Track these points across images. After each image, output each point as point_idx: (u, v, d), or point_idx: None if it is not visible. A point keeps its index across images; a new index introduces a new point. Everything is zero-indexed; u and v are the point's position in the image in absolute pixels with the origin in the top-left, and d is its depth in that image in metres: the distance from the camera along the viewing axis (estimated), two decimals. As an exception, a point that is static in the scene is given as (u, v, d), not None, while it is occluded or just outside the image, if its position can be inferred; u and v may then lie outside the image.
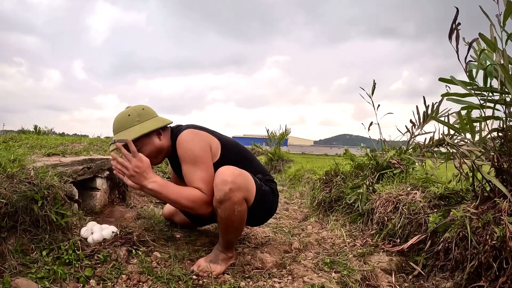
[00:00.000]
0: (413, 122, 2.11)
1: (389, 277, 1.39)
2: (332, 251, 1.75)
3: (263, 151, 6.93)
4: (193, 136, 1.48)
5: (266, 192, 1.56)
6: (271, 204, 1.65)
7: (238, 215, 1.38)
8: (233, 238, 1.49)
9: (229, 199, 1.33)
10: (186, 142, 1.45)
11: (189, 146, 1.44)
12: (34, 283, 1.12)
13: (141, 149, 1.46)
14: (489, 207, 1.28)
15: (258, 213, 1.56)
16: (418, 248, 1.50)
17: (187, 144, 1.45)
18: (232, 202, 1.34)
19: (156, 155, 1.54)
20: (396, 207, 1.75)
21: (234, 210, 1.36)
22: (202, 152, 1.45)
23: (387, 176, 2.08)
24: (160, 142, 1.53)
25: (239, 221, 1.41)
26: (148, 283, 1.26)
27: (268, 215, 1.71)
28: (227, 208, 1.35)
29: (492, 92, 1.25)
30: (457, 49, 1.23)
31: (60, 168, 1.62)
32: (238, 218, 1.39)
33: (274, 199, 1.68)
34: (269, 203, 1.61)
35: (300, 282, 1.36)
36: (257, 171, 1.64)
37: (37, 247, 1.30)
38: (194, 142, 1.46)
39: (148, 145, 1.49)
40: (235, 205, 1.35)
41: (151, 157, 1.49)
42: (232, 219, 1.38)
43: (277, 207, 1.78)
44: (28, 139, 2.61)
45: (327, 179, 2.58)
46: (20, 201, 1.30)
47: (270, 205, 1.64)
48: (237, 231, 1.47)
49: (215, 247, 1.53)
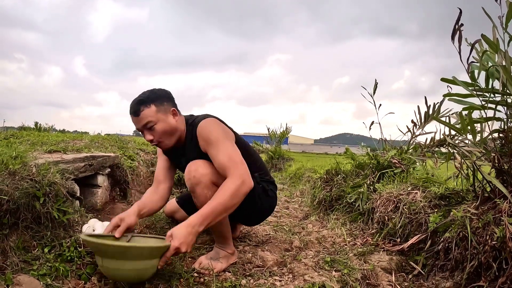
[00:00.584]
0: (414, 122, 2.11)
1: (389, 276, 1.40)
2: (333, 249, 1.75)
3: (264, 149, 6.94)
4: (216, 122, 1.51)
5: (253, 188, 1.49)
6: (257, 201, 1.60)
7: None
8: (222, 228, 1.49)
9: (197, 184, 1.38)
10: (210, 126, 1.47)
11: (213, 129, 1.46)
12: (36, 280, 1.12)
13: (156, 125, 1.47)
14: (489, 207, 1.28)
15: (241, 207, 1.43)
16: (418, 247, 1.51)
17: (211, 127, 1.47)
18: (201, 187, 1.38)
19: (169, 135, 1.52)
20: (397, 206, 1.76)
21: (206, 195, 1.38)
22: (225, 134, 1.48)
23: (387, 176, 2.09)
24: (175, 122, 1.52)
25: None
26: (149, 281, 1.27)
27: (255, 212, 1.66)
28: (199, 195, 1.39)
29: (493, 93, 1.25)
30: (459, 50, 1.23)
31: (62, 165, 1.63)
32: None
33: (265, 199, 1.64)
34: (253, 197, 1.55)
35: (300, 281, 1.37)
36: (256, 170, 1.64)
37: (38, 244, 1.30)
38: (217, 126, 1.48)
39: (163, 122, 1.48)
40: (204, 190, 1.39)
41: (165, 136, 1.51)
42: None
43: (271, 209, 1.74)
44: (29, 136, 2.61)
45: (328, 178, 2.58)
46: (22, 198, 1.30)
47: (255, 201, 1.58)
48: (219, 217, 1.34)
49: (215, 245, 1.54)
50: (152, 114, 1.46)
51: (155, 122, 1.47)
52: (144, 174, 2.68)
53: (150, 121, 1.47)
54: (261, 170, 1.70)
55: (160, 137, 1.50)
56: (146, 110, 1.46)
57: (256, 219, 1.76)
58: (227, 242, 1.52)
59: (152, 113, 1.46)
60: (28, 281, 1.10)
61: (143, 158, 2.84)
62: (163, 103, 1.50)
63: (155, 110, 1.47)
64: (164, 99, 1.52)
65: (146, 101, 1.47)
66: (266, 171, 1.76)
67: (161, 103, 1.49)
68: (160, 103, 1.49)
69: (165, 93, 1.55)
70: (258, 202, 1.61)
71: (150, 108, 1.46)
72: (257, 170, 1.65)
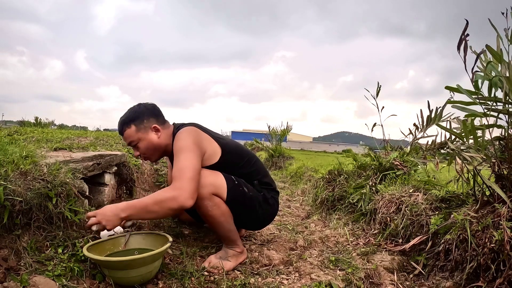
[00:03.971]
0: (417, 126, 2.16)
1: (392, 275, 1.45)
2: (336, 249, 1.80)
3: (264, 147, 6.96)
4: (192, 132, 1.50)
5: (248, 196, 1.55)
6: (257, 209, 1.60)
7: (213, 209, 1.44)
8: (226, 233, 1.52)
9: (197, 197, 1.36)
10: (181, 135, 1.47)
11: (181, 138, 1.45)
12: (51, 281, 1.12)
13: (138, 144, 1.55)
14: (489, 211, 1.33)
15: (238, 213, 1.53)
16: (420, 248, 1.56)
17: (181, 136, 1.46)
18: (200, 198, 1.39)
19: (153, 151, 1.58)
20: (399, 208, 1.80)
21: (207, 206, 1.43)
22: (191, 145, 1.42)
23: (389, 177, 2.14)
24: (157, 139, 1.56)
25: (218, 214, 1.46)
26: (163, 280, 1.31)
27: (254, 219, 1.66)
28: (200, 205, 1.43)
29: (496, 102, 1.29)
30: (464, 60, 1.27)
31: (72, 165, 1.65)
32: (215, 212, 1.45)
33: (265, 207, 1.64)
34: (252, 206, 1.58)
35: (307, 279, 1.41)
36: (255, 176, 1.64)
37: (51, 244, 1.31)
38: (187, 136, 1.46)
39: (144, 140, 1.55)
40: (205, 201, 1.42)
41: (149, 152, 1.58)
42: (210, 214, 1.45)
43: (271, 216, 1.74)
44: (33, 132, 2.62)
45: (330, 178, 2.63)
46: (35, 198, 1.31)
47: (254, 210, 1.59)
48: (223, 224, 1.49)
49: (223, 245, 1.58)
50: (132, 134, 1.54)
51: (136, 141, 1.55)
52: (148, 172, 2.71)
53: (132, 140, 1.55)
54: (259, 175, 1.67)
55: (144, 153, 1.58)
56: (128, 130, 1.54)
57: (256, 226, 1.78)
58: (236, 243, 1.56)
59: (132, 133, 1.54)
60: (44, 282, 1.10)
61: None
62: (142, 121, 1.55)
63: (135, 130, 1.54)
64: (145, 116, 1.56)
65: (127, 121, 1.55)
66: (266, 175, 1.73)
67: (141, 122, 1.55)
68: (139, 122, 1.55)
69: (145, 110, 1.58)
70: (259, 210, 1.61)
71: (130, 129, 1.54)
72: (256, 176, 1.65)
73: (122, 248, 1.41)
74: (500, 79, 1.24)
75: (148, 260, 1.22)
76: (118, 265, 1.19)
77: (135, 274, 1.21)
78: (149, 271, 1.25)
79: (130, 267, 1.20)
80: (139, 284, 1.24)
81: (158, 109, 1.63)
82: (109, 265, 1.21)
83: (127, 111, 1.59)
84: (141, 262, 1.20)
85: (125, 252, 1.40)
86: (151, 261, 1.24)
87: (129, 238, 1.44)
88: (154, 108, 1.61)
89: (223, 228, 1.51)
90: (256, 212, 1.61)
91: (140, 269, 1.21)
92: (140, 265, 1.21)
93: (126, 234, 1.44)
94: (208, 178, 1.43)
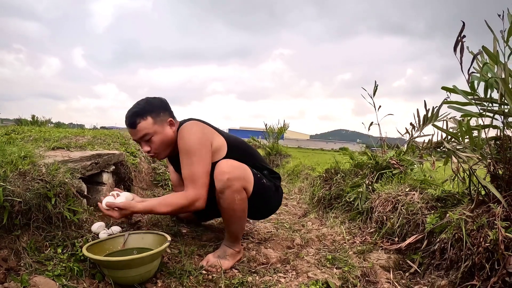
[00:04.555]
0: (413, 125, 2.17)
1: (388, 273, 1.46)
2: (333, 247, 1.82)
3: (261, 145, 6.98)
4: (195, 129, 1.48)
5: (267, 187, 1.61)
6: (271, 199, 1.69)
7: (239, 203, 1.44)
8: (238, 229, 1.54)
9: (229, 187, 1.39)
10: (186, 133, 1.45)
11: (188, 137, 1.44)
12: (51, 281, 1.13)
13: (153, 137, 1.48)
14: (484, 211, 1.35)
15: (257, 205, 1.59)
16: (415, 247, 1.58)
17: (187, 134, 1.45)
18: (231, 190, 1.40)
19: (166, 146, 1.53)
20: (395, 207, 1.82)
21: (235, 199, 1.42)
22: (199, 145, 1.44)
23: (386, 176, 2.16)
24: (172, 133, 1.52)
25: (240, 209, 1.46)
26: (161, 279, 1.32)
27: (267, 209, 1.75)
28: (228, 197, 1.41)
29: (491, 103, 1.31)
30: (461, 61, 1.28)
31: (70, 164, 1.65)
32: (239, 207, 1.45)
33: (276, 196, 1.72)
34: (269, 197, 1.65)
35: (304, 277, 1.43)
36: (263, 168, 1.69)
37: (50, 245, 1.32)
38: (194, 134, 1.45)
39: (160, 134, 1.49)
40: (234, 194, 1.41)
41: (162, 147, 1.51)
42: (233, 207, 1.44)
43: (279, 204, 1.81)
44: (31, 131, 2.61)
45: (328, 176, 2.65)
46: (34, 199, 1.32)
47: (269, 200, 1.67)
48: (240, 220, 1.51)
49: (223, 243, 1.59)
50: (149, 127, 1.46)
51: (152, 134, 1.47)
52: (146, 171, 2.71)
53: (147, 133, 1.47)
54: (263, 164, 1.73)
55: (157, 148, 1.51)
56: (143, 123, 1.46)
57: (267, 215, 1.84)
58: (237, 242, 1.58)
59: (149, 125, 1.46)
60: (44, 282, 1.11)
61: (145, 155, 2.87)
62: (159, 114, 1.50)
63: (152, 122, 1.47)
64: (161, 109, 1.51)
65: (142, 113, 1.46)
66: (267, 164, 1.79)
67: (158, 114, 1.49)
68: (156, 114, 1.49)
69: (161, 103, 1.53)
70: (272, 200, 1.68)
71: (146, 121, 1.46)
72: (263, 167, 1.70)
73: (121, 248, 1.42)
74: (496, 81, 1.25)
75: (147, 260, 1.23)
76: (117, 265, 1.20)
77: (134, 273, 1.22)
78: (148, 270, 1.27)
79: (129, 267, 1.21)
80: (138, 283, 1.25)
81: (168, 104, 1.59)
82: (108, 264, 1.22)
83: (139, 103, 1.50)
84: (140, 262, 1.21)
85: (124, 251, 1.41)
86: (150, 260, 1.25)
87: (128, 238, 1.45)
88: (166, 102, 1.57)
89: (238, 224, 1.52)
90: (270, 202, 1.68)
91: (139, 268, 1.23)
92: (139, 265, 1.22)
93: (125, 234, 1.45)
94: (240, 171, 1.44)
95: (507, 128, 1.31)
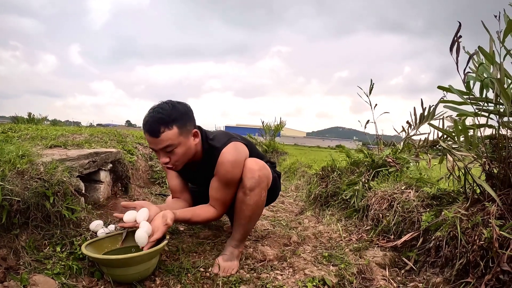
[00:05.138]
0: (409, 123, 2.19)
1: (383, 271, 1.48)
2: (329, 245, 1.84)
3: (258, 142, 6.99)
4: (237, 157, 1.43)
5: (275, 178, 1.68)
6: (278, 189, 1.82)
7: (263, 200, 1.50)
8: (252, 227, 1.61)
9: (259, 185, 1.45)
10: (230, 164, 1.41)
11: (232, 169, 1.42)
12: (51, 279, 1.14)
13: (177, 149, 1.34)
14: (479, 209, 1.37)
15: (269, 197, 1.66)
16: (411, 244, 1.60)
17: (231, 166, 1.41)
18: (260, 188, 1.45)
19: (185, 160, 1.41)
20: (391, 204, 1.84)
21: (261, 196, 1.48)
22: (238, 176, 1.44)
23: (382, 174, 2.18)
24: (195, 145, 1.43)
25: (262, 206, 1.53)
26: (160, 276, 1.33)
27: (274, 197, 1.86)
28: (256, 194, 1.45)
29: (487, 103, 1.32)
30: (457, 61, 1.29)
31: (68, 163, 1.65)
32: (262, 204, 1.51)
33: (279, 185, 1.86)
34: (277, 188, 1.78)
35: (301, 275, 1.44)
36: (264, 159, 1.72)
37: (49, 243, 1.32)
38: (237, 164, 1.42)
39: (184, 145, 1.36)
40: (262, 191, 1.47)
41: (182, 160, 1.39)
42: (258, 204, 1.49)
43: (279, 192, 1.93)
44: (27, 129, 2.60)
45: (324, 174, 2.67)
46: (32, 197, 1.32)
47: (277, 190, 1.79)
48: (258, 217, 1.58)
49: (229, 244, 1.54)
50: (174, 138, 1.31)
51: (176, 145, 1.33)
52: (143, 168, 2.71)
53: (171, 145, 1.32)
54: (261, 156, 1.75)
55: (178, 160, 1.37)
56: (168, 132, 1.29)
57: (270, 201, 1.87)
58: (244, 241, 1.60)
59: (174, 136, 1.31)
60: (44, 281, 1.11)
61: (142, 152, 2.87)
62: (185, 123, 1.35)
63: (178, 133, 1.32)
64: (187, 118, 1.37)
65: (168, 121, 1.29)
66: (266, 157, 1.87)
67: (184, 124, 1.34)
68: (183, 124, 1.34)
69: (187, 110, 1.38)
70: (278, 189, 1.81)
71: (172, 130, 1.30)
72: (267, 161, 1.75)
73: (120, 246, 1.42)
74: (491, 81, 1.27)
75: (145, 258, 1.24)
76: (116, 263, 1.21)
77: (133, 271, 1.23)
78: (146, 268, 1.28)
79: (128, 265, 1.22)
80: (137, 281, 1.26)
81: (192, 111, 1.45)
82: (107, 263, 1.23)
83: (164, 109, 1.32)
84: (139, 260, 1.22)
85: (123, 249, 1.42)
86: (149, 258, 1.26)
87: (126, 236, 1.45)
88: (191, 109, 1.43)
89: (255, 221, 1.58)
90: (277, 191, 1.80)
91: (138, 266, 1.24)
92: (138, 263, 1.23)
93: (123, 232, 1.45)
94: (267, 170, 1.50)
95: (502, 128, 1.33)
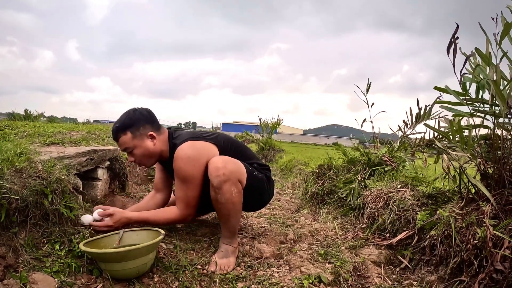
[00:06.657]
0: (406, 122, 2.21)
1: (379, 268, 1.50)
2: (325, 242, 1.86)
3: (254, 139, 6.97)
4: (191, 154, 1.52)
5: (259, 178, 1.67)
6: (265, 190, 1.75)
7: (236, 196, 1.49)
8: (235, 223, 1.58)
9: (225, 182, 1.44)
10: (182, 160, 1.51)
11: (184, 165, 1.51)
12: (50, 277, 1.14)
13: (134, 150, 1.58)
14: (473, 209, 1.39)
15: (252, 196, 1.65)
16: (406, 243, 1.61)
17: (183, 162, 1.51)
18: (229, 184, 1.45)
19: (148, 158, 1.63)
20: (387, 203, 1.86)
21: (232, 192, 1.47)
22: (193, 173, 1.52)
23: (378, 173, 2.20)
24: (153, 146, 1.60)
25: (238, 202, 1.51)
26: (158, 273, 1.34)
27: (262, 200, 1.82)
28: (226, 191, 1.46)
29: (483, 104, 1.34)
30: (453, 62, 1.30)
31: (66, 161, 1.65)
32: (236, 200, 1.50)
33: (269, 187, 1.79)
34: (263, 188, 1.72)
35: (297, 272, 1.46)
36: (252, 160, 1.74)
37: (48, 241, 1.32)
38: (189, 161, 1.51)
39: (139, 147, 1.58)
40: (232, 187, 1.46)
41: (144, 159, 1.63)
42: (232, 201, 1.48)
43: (272, 194, 1.89)
44: (25, 126, 2.59)
45: (320, 172, 2.68)
46: (31, 196, 1.31)
47: (263, 191, 1.74)
48: (237, 214, 1.56)
49: (221, 242, 1.58)
50: (128, 141, 1.56)
51: (132, 148, 1.57)
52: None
53: (128, 147, 1.58)
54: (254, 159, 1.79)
55: (139, 159, 1.62)
56: (123, 137, 1.56)
57: (262, 205, 1.90)
58: (235, 237, 1.60)
59: (128, 140, 1.56)
60: (43, 279, 1.12)
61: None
62: (139, 128, 1.57)
63: (131, 137, 1.56)
64: (141, 123, 1.58)
65: (122, 128, 1.56)
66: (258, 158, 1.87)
67: (137, 129, 1.57)
68: (136, 129, 1.57)
69: (142, 116, 1.60)
70: (265, 190, 1.75)
71: (126, 136, 1.56)
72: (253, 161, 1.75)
73: (116, 245, 1.43)
74: (487, 82, 1.28)
75: (143, 251, 1.25)
76: (115, 257, 1.22)
77: (131, 265, 1.24)
78: (144, 263, 1.29)
79: (127, 259, 1.23)
80: (135, 277, 1.27)
81: (153, 114, 1.66)
82: (106, 258, 1.24)
83: (121, 117, 1.60)
84: (137, 253, 1.24)
85: (119, 248, 1.43)
86: (146, 252, 1.27)
87: (123, 235, 1.47)
88: (149, 114, 1.63)
89: (236, 218, 1.56)
90: (264, 193, 1.76)
91: (136, 260, 1.25)
92: (136, 257, 1.24)
93: (120, 232, 1.47)
94: (233, 165, 1.50)
95: (498, 128, 1.35)
